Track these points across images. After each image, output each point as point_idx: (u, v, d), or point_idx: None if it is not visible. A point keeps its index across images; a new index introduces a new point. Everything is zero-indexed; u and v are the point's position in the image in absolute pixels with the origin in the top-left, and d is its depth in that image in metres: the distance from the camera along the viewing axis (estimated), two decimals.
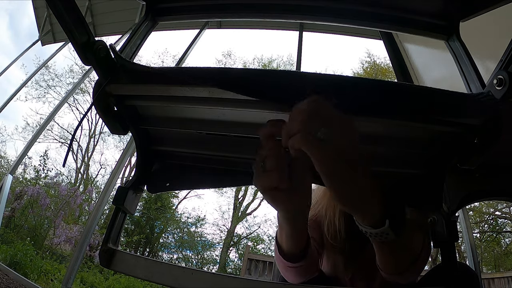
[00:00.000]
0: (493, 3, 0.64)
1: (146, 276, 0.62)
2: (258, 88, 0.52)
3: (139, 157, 0.73)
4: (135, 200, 0.71)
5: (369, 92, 0.55)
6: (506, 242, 9.28)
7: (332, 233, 0.81)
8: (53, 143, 12.49)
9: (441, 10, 0.72)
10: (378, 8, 0.74)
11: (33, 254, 4.92)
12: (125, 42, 0.72)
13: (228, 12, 0.83)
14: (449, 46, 0.73)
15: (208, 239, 12.21)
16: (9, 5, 14.33)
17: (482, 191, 0.63)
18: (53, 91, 12.87)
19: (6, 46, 14.40)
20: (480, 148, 0.54)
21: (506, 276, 6.28)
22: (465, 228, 2.98)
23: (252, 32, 15.63)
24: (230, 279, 0.59)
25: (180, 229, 12.37)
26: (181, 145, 0.73)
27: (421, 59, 3.26)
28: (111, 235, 0.67)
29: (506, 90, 0.51)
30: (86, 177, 12.67)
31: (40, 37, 5.48)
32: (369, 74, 12.22)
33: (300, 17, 0.79)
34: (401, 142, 0.62)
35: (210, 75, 0.55)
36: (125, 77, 0.61)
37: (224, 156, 0.71)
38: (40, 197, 6.24)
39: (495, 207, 9.29)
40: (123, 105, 0.66)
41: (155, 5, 0.81)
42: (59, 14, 0.52)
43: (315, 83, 0.55)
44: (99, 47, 0.57)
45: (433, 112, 0.54)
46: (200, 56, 13.86)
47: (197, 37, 4.22)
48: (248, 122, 0.64)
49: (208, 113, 0.65)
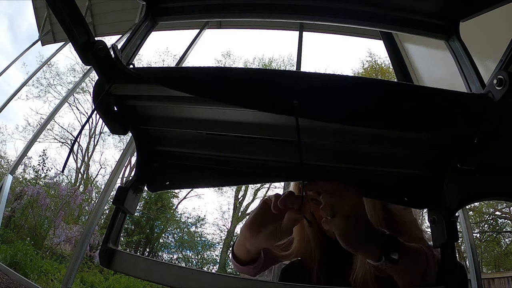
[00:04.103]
0: (493, 3, 0.64)
1: (146, 276, 0.62)
2: (257, 100, 0.53)
3: (139, 157, 0.73)
4: (135, 200, 0.70)
5: (368, 92, 0.55)
6: (506, 242, 9.28)
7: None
8: (53, 143, 12.51)
9: (441, 10, 0.72)
10: (378, 8, 0.74)
11: (33, 254, 4.92)
12: (125, 42, 0.72)
13: (228, 12, 0.83)
14: (449, 46, 0.73)
15: (208, 239, 12.23)
16: (9, 8, 14.36)
17: (482, 191, 0.63)
18: (53, 90, 12.90)
19: (5, 49, 14.41)
20: (480, 148, 0.54)
21: (506, 276, 6.28)
22: (465, 228, 2.98)
23: (252, 32, 15.66)
24: (230, 279, 0.59)
25: (180, 229, 12.38)
26: (181, 145, 0.73)
27: (421, 59, 3.26)
28: (111, 235, 0.66)
29: (506, 90, 0.51)
30: (86, 177, 12.67)
31: (40, 37, 5.48)
32: (368, 74, 12.23)
33: (300, 17, 0.79)
34: (401, 142, 0.62)
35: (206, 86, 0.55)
36: (125, 78, 0.61)
37: (224, 156, 0.71)
38: (40, 197, 6.24)
39: (495, 207, 9.29)
40: (123, 105, 0.66)
41: (155, 5, 0.81)
42: (59, 14, 0.52)
43: (315, 83, 0.55)
44: (99, 47, 0.57)
45: (433, 112, 0.54)
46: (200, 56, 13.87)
47: (197, 37, 4.23)
48: (248, 122, 0.64)
49: (208, 113, 0.65)
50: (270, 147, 0.66)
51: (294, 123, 0.51)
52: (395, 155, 0.65)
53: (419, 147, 0.62)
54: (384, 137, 0.61)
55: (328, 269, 0.79)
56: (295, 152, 0.61)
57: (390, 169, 0.66)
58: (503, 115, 0.51)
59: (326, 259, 0.80)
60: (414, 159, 0.65)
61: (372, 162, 0.66)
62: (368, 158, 0.66)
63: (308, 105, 0.51)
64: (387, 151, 0.64)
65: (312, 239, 0.81)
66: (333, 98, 0.54)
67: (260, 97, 0.53)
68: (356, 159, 0.66)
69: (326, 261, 0.80)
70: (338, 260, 0.79)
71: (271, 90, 0.54)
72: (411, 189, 0.65)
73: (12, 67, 5.34)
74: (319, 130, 0.61)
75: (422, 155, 0.64)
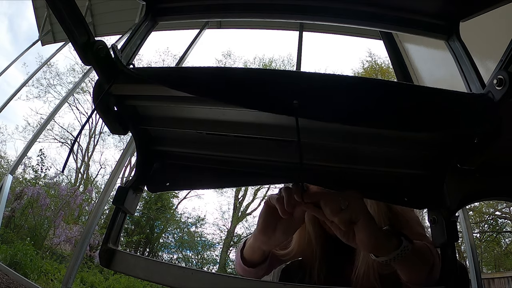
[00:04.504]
0: (493, 3, 0.64)
1: (146, 276, 0.62)
2: (257, 100, 0.53)
3: (139, 157, 0.73)
4: (135, 200, 0.71)
5: (368, 92, 0.55)
6: (506, 242, 9.28)
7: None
8: (53, 143, 12.51)
9: (441, 10, 0.72)
10: (378, 8, 0.74)
11: (33, 254, 4.92)
12: (125, 42, 0.72)
13: (228, 12, 0.83)
14: (449, 46, 0.73)
15: (208, 239, 12.22)
16: (9, 9, 14.36)
17: (482, 191, 0.63)
18: (53, 90, 12.89)
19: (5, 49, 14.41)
20: (480, 148, 0.54)
21: (506, 276, 6.29)
22: (465, 228, 2.98)
23: (252, 32, 15.65)
24: (230, 279, 0.59)
25: (180, 229, 12.37)
26: (181, 145, 0.73)
27: (421, 59, 3.26)
28: (111, 235, 0.66)
29: (506, 90, 0.51)
30: (86, 177, 12.67)
31: (40, 37, 5.47)
32: (368, 74, 12.23)
33: (300, 17, 0.79)
34: (401, 142, 0.62)
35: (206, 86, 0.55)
36: (125, 78, 0.61)
37: (224, 156, 0.71)
38: (40, 197, 6.24)
39: (495, 207, 9.29)
40: (123, 105, 0.66)
41: (155, 5, 0.81)
42: (59, 14, 0.52)
43: (315, 83, 0.55)
44: (99, 47, 0.57)
45: (433, 112, 0.54)
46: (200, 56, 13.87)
47: (197, 37, 4.23)
48: (248, 122, 0.64)
49: (208, 113, 0.65)
50: (270, 147, 0.66)
51: (294, 123, 0.51)
52: (395, 155, 0.65)
53: (419, 147, 0.62)
54: (384, 137, 0.61)
55: (329, 266, 0.79)
56: (295, 152, 0.61)
57: (390, 169, 0.66)
58: (503, 115, 0.51)
59: (327, 256, 0.80)
60: (414, 159, 0.65)
61: (372, 162, 0.66)
62: (368, 158, 0.66)
63: (308, 105, 0.51)
64: (387, 151, 0.64)
65: (314, 237, 0.81)
66: (333, 98, 0.54)
67: (260, 97, 0.53)
68: (356, 159, 0.66)
69: (327, 258, 0.80)
70: (339, 257, 0.79)
71: (271, 90, 0.54)
72: (411, 189, 0.65)
73: (12, 67, 5.34)
74: (319, 130, 0.61)
75: (422, 155, 0.64)
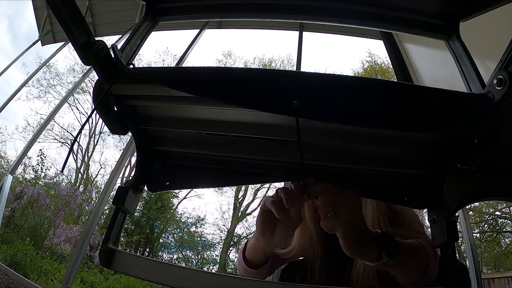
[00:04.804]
0: (493, 3, 0.64)
1: (146, 276, 0.62)
2: (257, 100, 0.53)
3: (139, 157, 0.73)
4: (135, 200, 0.71)
5: (368, 92, 0.55)
6: (506, 242, 9.28)
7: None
8: (53, 143, 12.51)
9: (441, 10, 0.72)
10: (378, 8, 0.74)
11: (33, 254, 4.92)
12: (125, 42, 0.72)
13: (228, 12, 0.83)
14: (449, 46, 0.73)
15: (208, 239, 12.22)
16: (8, 9, 14.36)
17: (482, 191, 0.63)
18: (53, 90, 12.89)
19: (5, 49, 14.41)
20: (480, 148, 0.54)
21: (506, 276, 6.29)
22: (465, 228, 2.98)
23: (252, 32, 15.65)
24: (230, 279, 0.59)
25: (180, 229, 12.37)
26: (181, 145, 0.73)
27: (421, 59, 3.26)
28: (111, 235, 0.66)
29: (506, 90, 0.51)
30: (86, 177, 12.67)
31: (40, 37, 5.47)
32: (369, 74, 12.23)
33: (300, 17, 0.79)
34: (401, 142, 0.62)
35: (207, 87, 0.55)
36: (126, 78, 0.61)
37: (224, 156, 0.71)
38: (40, 197, 6.24)
39: (495, 207, 9.29)
40: (123, 105, 0.66)
41: (155, 5, 0.81)
42: (59, 14, 0.52)
43: (315, 83, 0.55)
44: (99, 47, 0.57)
45: (433, 112, 0.54)
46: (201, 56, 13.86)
47: (197, 37, 4.23)
48: (248, 122, 0.64)
49: (208, 113, 0.65)
50: (270, 147, 0.66)
51: (294, 123, 0.51)
52: (395, 155, 0.65)
53: (419, 147, 0.62)
54: (384, 137, 0.61)
55: (329, 265, 0.79)
56: (295, 152, 0.61)
57: (390, 169, 0.66)
58: (503, 115, 0.51)
59: (328, 255, 0.80)
60: (414, 159, 0.65)
61: (372, 162, 0.66)
62: (368, 158, 0.66)
63: (308, 105, 0.51)
64: (387, 151, 0.64)
65: (315, 235, 0.80)
66: (333, 98, 0.54)
67: (260, 97, 0.53)
68: (356, 159, 0.66)
69: (328, 257, 0.80)
70: (339, 255, 0.79)
71: (271, 90, 0.54)
72: (411, 189, 0.65)
73: (12, 68, 5.34)
74: (319, 130, 0.61)
75: (422, 155, 0.64)
